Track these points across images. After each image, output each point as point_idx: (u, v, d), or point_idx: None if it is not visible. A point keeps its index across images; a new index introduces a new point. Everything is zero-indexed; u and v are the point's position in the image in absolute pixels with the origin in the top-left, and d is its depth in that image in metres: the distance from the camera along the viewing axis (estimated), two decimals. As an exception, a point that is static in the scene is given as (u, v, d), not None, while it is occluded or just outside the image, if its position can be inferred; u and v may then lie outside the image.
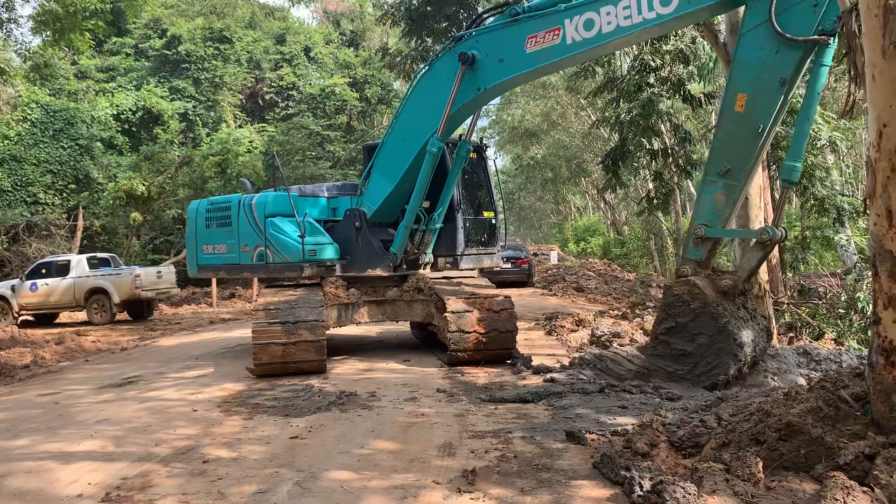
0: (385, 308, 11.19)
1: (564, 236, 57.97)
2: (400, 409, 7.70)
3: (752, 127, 7.52)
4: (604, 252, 45.65)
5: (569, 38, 8.27)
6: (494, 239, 12.14)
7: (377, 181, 10.86)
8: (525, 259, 27.36)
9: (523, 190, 61.78)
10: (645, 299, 18.93)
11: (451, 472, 5.49)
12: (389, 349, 12.51)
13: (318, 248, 10.98)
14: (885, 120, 4.34)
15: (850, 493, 4.30)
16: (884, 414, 4.74)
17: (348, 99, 35.69)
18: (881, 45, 4.25)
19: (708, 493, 4.53)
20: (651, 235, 37.38)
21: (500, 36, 8.97)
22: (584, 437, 6.24)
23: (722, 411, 6.19)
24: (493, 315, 10.16)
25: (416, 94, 10.25)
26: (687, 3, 7.60)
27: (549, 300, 21.76)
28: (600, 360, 9.82)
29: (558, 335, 13.36)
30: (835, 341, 10.86)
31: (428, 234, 11.13)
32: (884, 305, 4.59)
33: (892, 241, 4.46)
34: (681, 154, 16.87)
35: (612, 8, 7.93)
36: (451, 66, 9.48)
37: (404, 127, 10.40)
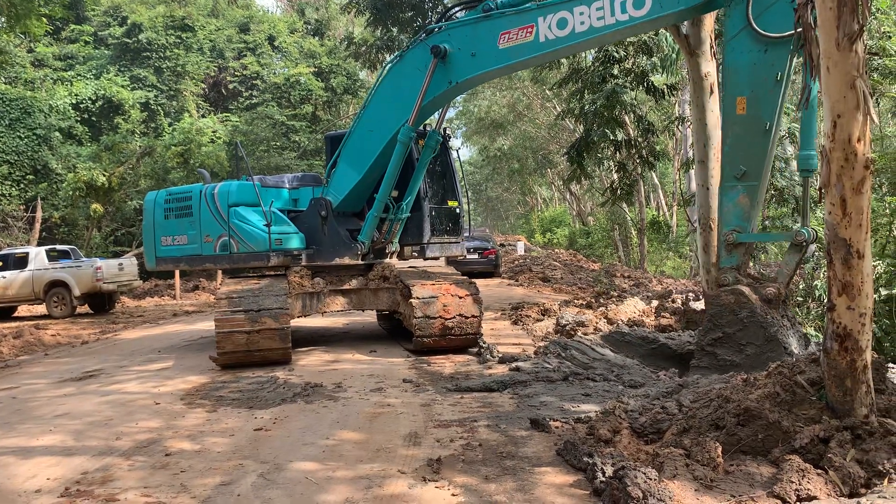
0: (350, 297, 11.17)
1: (531, 227, 58.30)
2: (366, 400, 7.69)
3: (758, 126, 7.47)
4: (570, 242, 46.03)
5: (542, 35, 8.26)
6: (459, 228, 12.18)
7: (344, 171, 10.81)
8: (492, 250, 27.46)
9: (490, 181, 62.01)
10: (609, 289, 19.13)
11: (417, 461, 5.51)
12: (356, 340, 12.48)
13: (284, 238, 10.90)
14: (838, 111, 4.43)
15: (805, 476, 4.41)
16: (838, 398, 4.86)
17: (313, 88, 35.35)
18: (835, 37, 4.33)
19: (668, 478, 4.60)
20: (615, 226, 37.77)
21: (472, 30, 8.93)
22: (548, 424, 6.30)
23: (683, 398, 6.30)
24: (458, 300, 10.22)
25: (386, 84, 10.20)
26: (659, 7, 7.63)
27: (515, 290, 21.88)
28: (565, 348, 9.94)
29: (524, 325, 13.46)
30: (793, 328, 11.07)
31: (396, 224, 11.12)
32: (838, 292, 4.70)
33: (845, 230, 4.57)
34: (644, 145, 17.04)
35: (586, 8, 7.93)
36: (423, 58, 9.43)
37: (373, 117, 10.34)
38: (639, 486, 4.37)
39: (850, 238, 4.58)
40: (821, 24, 4.43)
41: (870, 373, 4.85)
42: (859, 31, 4.32)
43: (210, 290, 25.85)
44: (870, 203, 4.58)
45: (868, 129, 4.48)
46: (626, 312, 12.52)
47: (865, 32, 7.07)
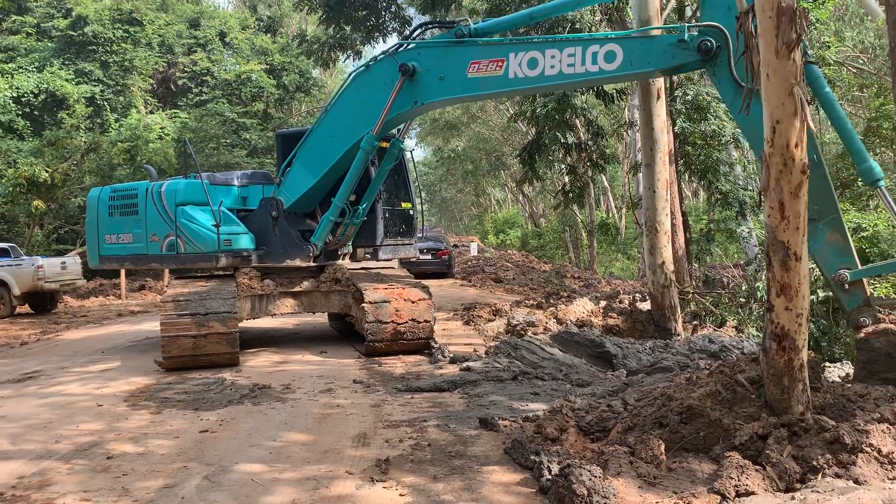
0: (301, 299, 11.06)
1: (484, 228, 58.59)
2: (315, 401, 7.63)
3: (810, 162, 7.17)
4: (522, 244, 46.39)
5: (511, 72, 8.18)
6: (412, 229, 12.16)
7: (299, 173, 10.66)
8: (445, 251, 27.49)
9: (444, 182, 62.06)
10: (559, 289, 19.35)
11: (365, 461, 5.49)
12: (306, 341, 12.36)
13: (233, 238, 10.73)
14: (778, 117, 4.57)
15: (744, 472, 4.52)
16: (776, 396, 5.01)
17: (265, 86, 34.90)
18: (774, 45, 4.46)
19: (613, 475, 4.68)
20: (566, 228, 38.23)
21: (443, 54, 8.84)
22: (496, 423, 6.35)
23: (628, 396, 6.41)
24: (410, 305, 10.19)
25: (350, 92, 10.06)
26: (629, 65, 7.64)
27: (468, 291, 21.96)
28: (515, 348, 10.02)
29: (476, 325, 13.52)
30: (736, 329, 11.39)
31: (350, 227, 11.05)
32: (776, 293, 4.84)
33: (784, 232, 4.71)
34: (594, 149, 17.28)
35: (558, 53, 7.88)
36: (390, 72, 9.32)
37: (333, 123, 10.20)
38: (584, 484, 4.43)
39: (788, 241, 4.72)
40: (761, 32, 4.56)
41: (806, 371, 5.01)
42: (797, 40, 4.47)
43: (157, 289, 25.31)
44: (807, 207, 4.73)
45: (805, 134, 4.63)
46: (576, 312, 12.67)
47: (806, 41, 7.26)
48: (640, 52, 7.48)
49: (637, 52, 7.48)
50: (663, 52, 7.35)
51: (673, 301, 11.17)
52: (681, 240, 13.97)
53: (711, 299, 12.85)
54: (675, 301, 11.23)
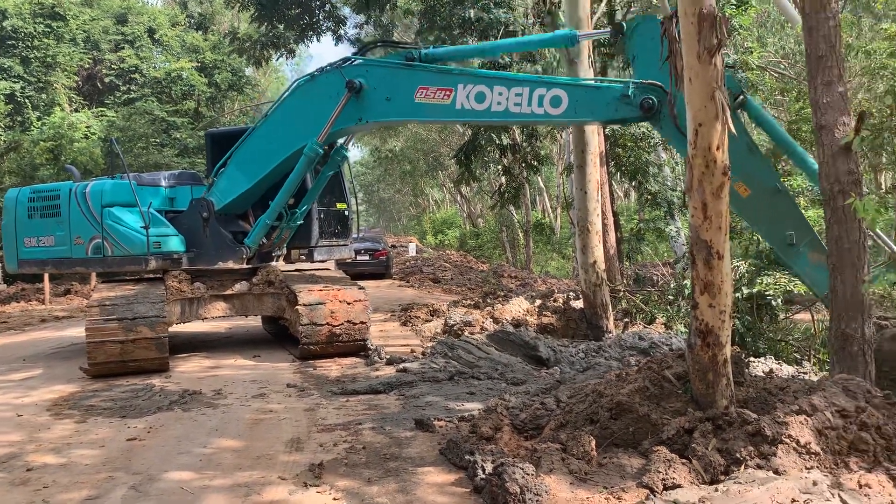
0: (233, 302, 10.85)
1: (423, 228, 58.64)
2: (247, 406, 7.50)
3: (771, 194, 7.27)
4: (460, 244, 46.61)
5: (458, 102, 8.15)
6: (347, 230, 12.07)
7: (234, 176, 10.42)
8: (383, 251, 27.40)
9: (382, 182, 61.84)
10: (497, 289, 19.52)
11: (298, 466, 5.43)
12: (238, 345, 12.13)
13: (162, 240, 10.44)
14: (700, 120, 4.70)
15: (671, 466, 4.64)
16: (701, 391, 5.16)
17: (196, 84, 34.10)
18: (696, 50, 4.60)
19: (545, 472, 4.74)
20: (503, 228, 38.59)
21: (391, 75, 8.74)
22: (432, 424, 6.36)
23: (561, 394, 6.50)
24: (346, 307, 10.11)
25: (293, 101, 9.86)
26: (573, 113, 7.70)
27: (406, 291, 21.95)
28: (452, 348, 10.06)
29: (413, 325, 13.52)
30: (665, 326, 11.69)
31: (286, 231, 10.88)
32: (700, 291, 4.99)
33: (706, 232, 4.86)
34: (529, 150, 17.49)
35: (505, 91, 7.88)
36: (336, 86, 9.16)
37: (273, 130, 9.98)
38: (516, 482, 4.48)
39: (711, 240, 4.87)
40: (684, 37, 4.69)
41: (730, 366, 5.18)
42: (718, 45, 4.61)
43: (83, 294, 24.43)
44: (728, 207, 4.89)
45: (726, 137, 4.78)
46: (512, 312, 12.79)
47: (730, 47, 7.49)
48: (584, 101, 7.56)
49: (582, 100, 7.56)
50: (607, 105, 7.45)
51: (604, 299, 11.40)
52: (612, 239, 14.27)
53: (642, 297, 13.17)
54: (607, 299, 11.46)
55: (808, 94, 6.80)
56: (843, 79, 6.53)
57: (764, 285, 10.12)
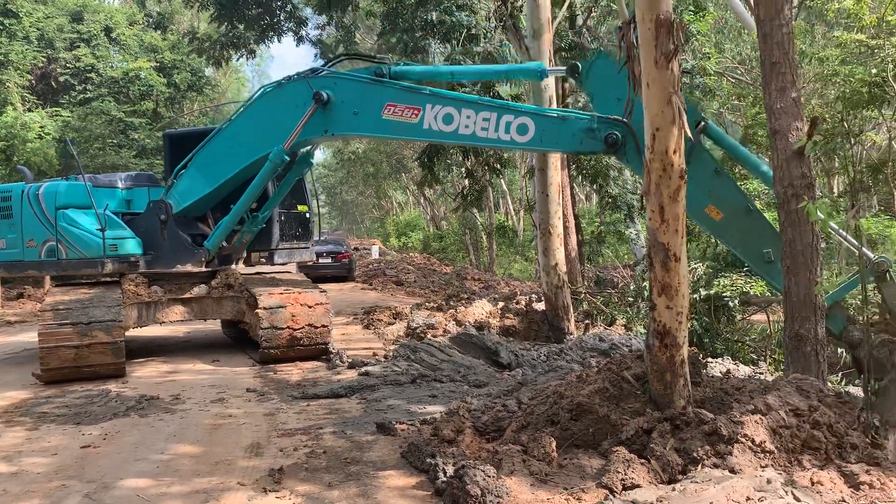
0: (192, 306, 10.67)
1: (386, 231, 58.45)
2: (206, 412, 7.39)
3: (743, 214, 7.26)
4: (424, 246, 46.56)
5: (426, 123, 8.09)
6: (309, 233, 11.96)
7: (194, 179, 10.23)
8: (346, 254, 27.25)
9: (345, 184, 61.45)
10: (460, 291, 19.54)
11: (258, 472, 5.36)
12: (197, 349, 11.94)
13: (119, 243, 10.23)
14: (657, 124, 4.77)
15: (630, 466, 4.69)
16: (659, 391, 5.23)
17: (155, 84, 33.51)
18: (653, 55, 4.67)
19: (506, 474, 4.76)
20: (467, 230, 38.66)
21: (360, 89, 8.60)
22: (393, 427, 6.34)
23: (522, 395, 6.53)
24: (307, 310, 10.02)
25: (259, 108, 9.69)
26: (539, 142, 7.70)
27: (368, 294, 21.85)
28: (414, 351, 10.04)
29: (375, 328, 13.46)
30: (625, 327, 11.83)
31: (247, 235, 10.74)
32: (658, 293, 5.05)
33: (664, 235, 4.93)
34: (491, 153, 17.56)
35: (473, 115, 7.84)
36: (302, 95, 9.00)
37: (237, 135, 9.80)
38: (477, 484, 4.49)
39: (668, 242, 4.94)
40: (641, 42, 4.76)
41: (687, 367, 5.26)
42: (675, 50, 4.68)
43: (37, 298, 23.82)
44: (685, 210, 4.97)
45: (682, 141, 4.86)
46: (475, 314, 12.82)
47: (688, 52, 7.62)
48: (551, 131, 7.58)
49: (548, 131, 7.58)
50: (573, 136, 7.48)
51: (566, 301, 11.49)
52: (573, 242, 14.41)
53: (602, 299, 13.31)
54: (568, 301, 11.56)
55: (763, 99, 6.95)
56: (796, 85, 6.69)
57: (721, 287, 10.31)
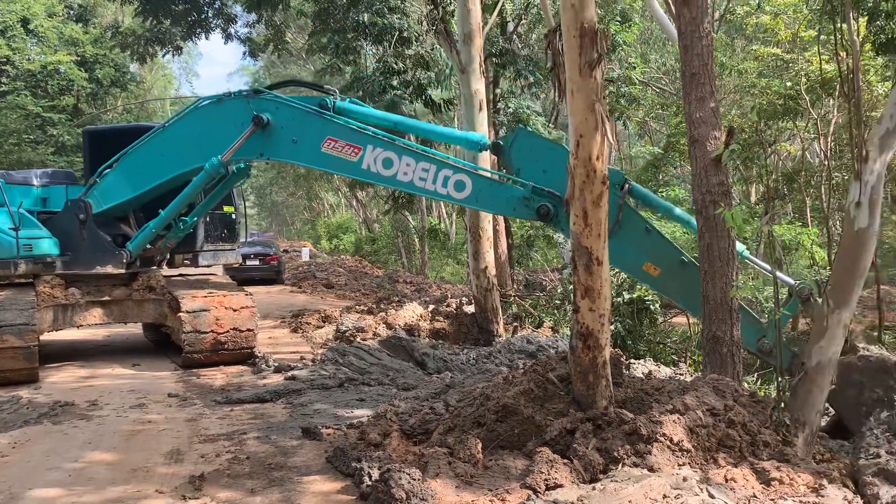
0: (111, 309, 10.30)
1: (317, 233, 57.79)
2: (124, 418, 7.15)
3: (678, 267, 7.26)
4: (356, 249, 46.23)
5: (365, 163, 7.96)
6: (235, 234, 11.72)
7: (119, 181, 9.85)
8: (274, 256, 26.78)
9: (275, 185, 60.51)
10: (391, 294, 19.49)
11: (178, 479, 5.22)
12: (117, 353, 11.54)
13: (34, 243, 9.80)
14: (581, 131, 4.87)
15: (553, 466, 4.77)
16: (582, 392, 5.33)
17: (75, 79, 32.31)
18: (578, 63, 4.76)
19: (432, 476, 4.76)
20: (399, 233, 38.59)
21: (301, 118, 8.40)
22: (319, 432, 6.27)
23: (450, 398, 6.57)
24: (232, 313, 9.82)
25: (194, 119, 9.37)
26: (475, 201, 7.72)
27: (297, 297, 21.54)
28: (343, 354, 9.97)
29: (304, 332, 13.29)
30: (552, 329, 12.05)
31: (172, 240, 10.43)
32: (581, 296, 5.16)
33: (587, 239, 5.03)
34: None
35: (413, 163, 7.76)
36: (241, 115, 8.72)
37: (169, 143, 9.46)
38: (402, 488, 4.48)
39: (591, 246, 5.05)
40: (566, 51, 4.85)
41: (609, 368, 5.38)
42: (598, 59, 4.79)
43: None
44: (607, 215, 5.08)
45: (605, 148, 4.97)
46: (405, 317, 12.80)
47: (614, 62, 7.83)
48: (487, 193, 7.61)
49: (485, 192, 7.61)
50: (507, 202, 7.52)
51: (495, 304, 11.61)
52: (503, 245, 14.57)
53: (531, 302, 13.50)
54: (497, 304, 11.67)
55: (683, 108, 7.18)
56: (714, 95, 6.95)
57: (644, 291, 10.59)
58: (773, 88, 13.39)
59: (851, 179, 5.00)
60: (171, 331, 10.35)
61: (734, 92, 18.18)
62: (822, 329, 5.06)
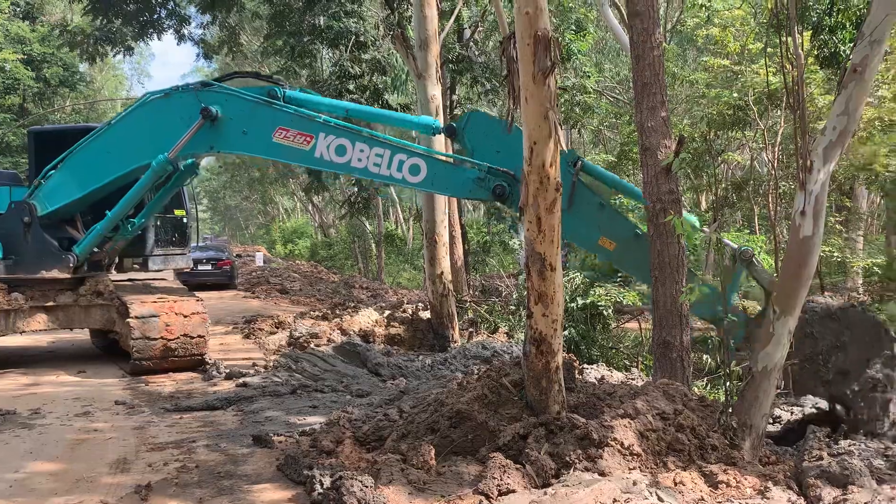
0: (57, 314, 10.03)
1: (272, 238, 57.12)
2: (68, 426, 6.96)
3: (633, 240, 7.37)
4: (311, 254, 45.82)
5: (318, 151, 7.94)
6: (186, 239, 11.51)
7: (65, 181, 9.60)
8: (227, 261, 26.38)
9: (229, 189, 59.69)
10: (347, 300, 19.36)
11: (123, 488, 5.09)
12: (63, 360, 11.21)
13: None
14: (534, 138, 4.91)
15: (506, 471, 4.77)
16: (535, 397, 5.36)
17: (21, 78, 31.43)
18: (532, 71, 4.80)
19: (384, 483, 4.73)
20: (356, 238, 38.40)
21: (251, 109, 8.32)
22: (270, 440, 6.19)
23: (404, 404, 6.55)
24: (182, 319, 9.63)
25: (141, 115, 9.17)
26: (430, 185, 7.78)
27: (251, 303, 21.23)
28: (296, 361, 9.85)
29: (256, 338, 13.10)
30: (507, 335, 12.11)
31: (120, 242, 10.19)
32: (534, 301, 5.19)
33: (540, 245, 5.07)
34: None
35: (367, 149, 7.75)
36: (190, 108, 8.60)
37: (116, 140, 9.25)
38: (354, 495, 4.44)
39: (545, 252, 5.09)
40: (520, 59, 4.89)
41: (562, 373, 5.42)
42: (551, 67, 4.83)
43: None
44: (560, 221, 5.13)
45: (559, 155, 5.02)
46: (361, 323, 12.73)
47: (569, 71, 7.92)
48: (442, 175, 7.68)
49: (440, 175, 7.67)
50: (462, 184, 7.61)
51: (451, 309, 11.62)
52: (459, 251, 14.61)
53: (487, 307, 13.55)
54: (453, 309, 11.69)
55: (635, 117, 7.30)
56: (666, 105, 7.09)
57: (597, 296, 10.72)
58: (723, 99, 13.70)
59: (797, 189, 5.13)
60: (120, 337, 10.10)
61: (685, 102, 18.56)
62: (768, 335, 5.17)
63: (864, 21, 4.90)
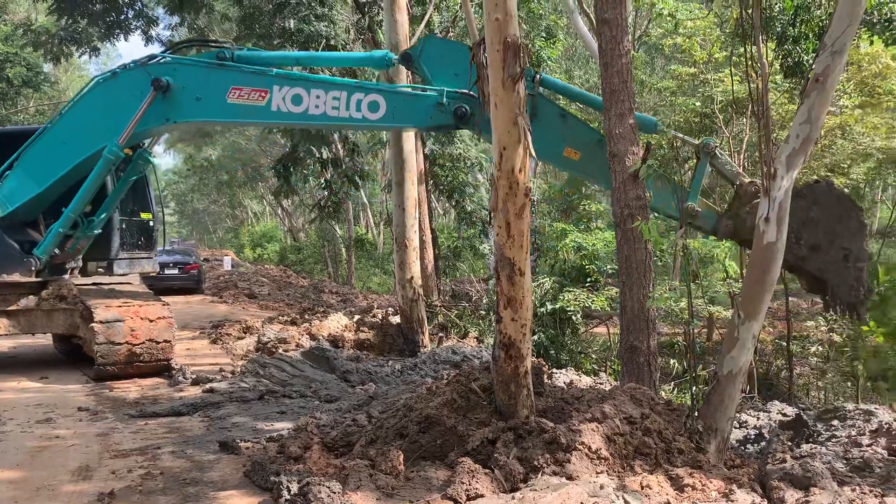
0: (18, 319, 9.81)
1: (241, 242, 56.60)
2: (29, 433, 6.81)
3: (598, 147, 7.50)
4: (280, 258, 45.48)
5: (274, 105, 7.97)
6: (152, 242, 11.35)
7: (21, 179, 9.41)
8: (194, 265, 26.08)
9: (196, 192, 59.04)
10: (316, 304, 19.24)
11: (85, 496, 5.00)
12: (24, 366, 10.97)
13: None
14: (504, 143, 4.93)
15: (474, 476, 4.77)
16: (504, 401, 5.37)
17: (-17, 78, 30.75)
18: (501, 77, 4.82)
19: (352, 489, 4.70)
20: (325, 242, 38.20)
21: (202, 74, 8.33)
22: (237, 446, 6.12)
23: (373, 409, 6.52)
24: (148, 324, 9.48)
25: (91, 99, 9.06)
26: (391, 119, 7.85)
27: (218, 307, 21.01)
28: (264, 366, 9.77)
29: (224, 343, 12.96)
30: (477, 339, 12.13)
31: (83, 240, 10.01)
32: (504, 306, 5.20)
33: (510, 250, 5.08)
34: (350, 165, 17.48)
35: (323, 94, 7.79)
36: (139, 84, 8.54)
37: (69, 129, 9.11)
38: (322, 501, 4.42)
39: (514, 257, 5.10)
40: (490, 64, 4.91)
41: (530, 378, 5.44)
42: (521, 73, 4.86)
43: None
44: (529, 226, 5.15)
45: (528, 161, 5.04)
46: (330, 328, 12.67)
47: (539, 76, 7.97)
48: (402, 107, 7.73)
49: (400, 107, 7.73)
50: (424, 112, 7.68)
51: (421, 314, 11.61)
52: (430, 255, 14.60)
53: (457, 312, 13.56)
54: (423, 314, 11.68)
55: (603, 124, 7.38)
56: (634, 112, 7.16)
57: (566, 301, 10.79)
58: (690, 106, 13.89)
59: (761, 196, 5.21)
60: (84, 342, 9.91)
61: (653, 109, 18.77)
62: (733, 339, 5.24)
63: (825, 32, 5.01)
